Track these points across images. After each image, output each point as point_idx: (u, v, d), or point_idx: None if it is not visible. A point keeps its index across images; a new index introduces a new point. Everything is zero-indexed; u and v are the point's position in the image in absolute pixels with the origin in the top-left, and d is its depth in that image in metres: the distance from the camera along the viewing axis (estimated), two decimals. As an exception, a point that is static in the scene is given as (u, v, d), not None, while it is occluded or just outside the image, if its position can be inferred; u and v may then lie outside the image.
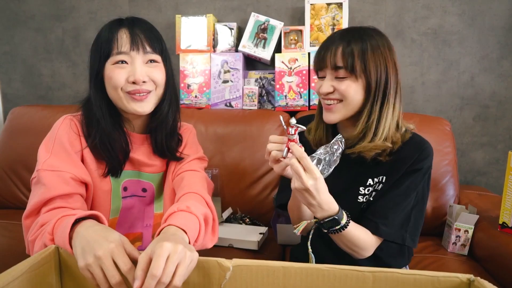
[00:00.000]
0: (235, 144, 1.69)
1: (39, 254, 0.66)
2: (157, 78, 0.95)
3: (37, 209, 0.85)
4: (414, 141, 1.00)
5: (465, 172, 1.91)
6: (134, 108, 0.94)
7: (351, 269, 0.64)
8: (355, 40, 0.94)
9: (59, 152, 0.91)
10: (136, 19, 0.97)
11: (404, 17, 1.86)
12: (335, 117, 0.98)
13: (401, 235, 0.97)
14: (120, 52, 0.91)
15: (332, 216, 0.88)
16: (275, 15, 1.90)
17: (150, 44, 0.94)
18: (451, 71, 1.87)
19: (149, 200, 1.08)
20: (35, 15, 2.11)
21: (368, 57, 0.93)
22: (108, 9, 2.05)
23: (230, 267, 0.66)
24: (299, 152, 0.83)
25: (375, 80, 0.94)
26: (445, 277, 0.61)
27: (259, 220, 1.61)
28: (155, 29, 0.99)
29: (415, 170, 0.97)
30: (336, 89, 0.95)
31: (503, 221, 1.30)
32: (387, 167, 1.00)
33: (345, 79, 0.94)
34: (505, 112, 1.86)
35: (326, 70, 0.97)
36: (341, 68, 0.93)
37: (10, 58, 2.16)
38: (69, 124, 0.96)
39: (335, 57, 0.94)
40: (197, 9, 1.98)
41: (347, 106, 0.96)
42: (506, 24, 1.80)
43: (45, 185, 0.85)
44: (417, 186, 0.98)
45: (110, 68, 0.92)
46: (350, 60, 0.92)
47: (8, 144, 1.79)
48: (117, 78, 0.91)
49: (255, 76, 1.92)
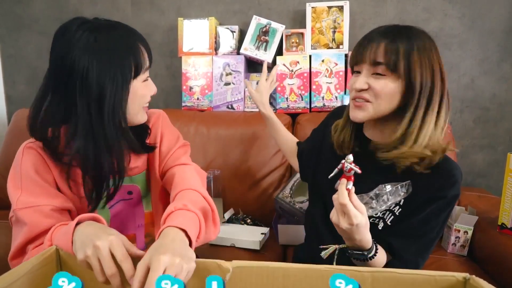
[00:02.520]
0: (236, 145, 1.71)
1: (40, 255, 0.66)
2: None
3: (23, 248, 0.82)
4: (443, 165, 0.90)
5: (465, 174, 1.92)
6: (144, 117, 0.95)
7: (350, 269, 0.65)
8: (401, 38, 0.87)
9: (29, 186, 0.84)
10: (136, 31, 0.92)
11: (404, 20, 1.87)
12: (363, 116, 0.91)
13: (415, 263, 0.92)
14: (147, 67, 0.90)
15: (362, 251, 0.84)
16: (276, 18, 1.92)
17: (151, 57, 0.92)
18: (452, 73, 1.88)
19: (136, 200, 1.04)
20: (39, 19, 2.13)
21: (414, 57, 0.85)
22: (111, 13, 2.07)
23: (230, 268, 0.66)
24: (343, 199, 0.76)
25: (419, 83, 0.86)
26: (442, 276, 0.62)
27: (261, 221, 1.63)
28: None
29: (439, 198, 0.89)
30: (370, 87, 0.89)
31: (502, 222, 1.31)
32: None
33: (383, 77, 0.88)
34: (505, 115, 1.87)
35: (363, 65, 0.90)
36: (381, 64, 0.86)
37: (14, 61, 2.19)
38: (33, 153, 0.86)
39: (376, 52, 0.87)
40: (199, 12, 2.00)
41: (379, 106, 0.89)
42: (506, 27, 1.81)
43: (27, 224, 0.80)
44: (439, 214, 0.91)
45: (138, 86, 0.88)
46: (393, 57, 0.85)
47: (13, 145, 1.81)
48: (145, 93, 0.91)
49: (256, 78, 1.93)
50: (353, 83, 0.91)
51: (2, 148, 1.87)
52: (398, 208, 0.93)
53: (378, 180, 0.88)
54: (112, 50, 0.82)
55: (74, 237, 0.69)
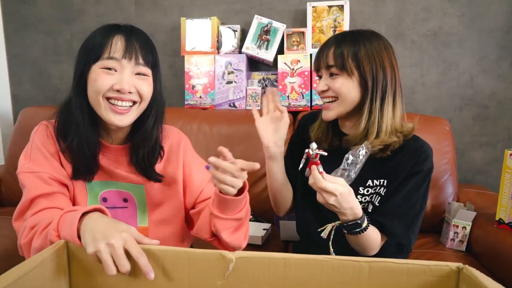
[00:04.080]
0: (238, 143, 1.73)
1: (50, 248, 0.67)
2: (144, 91, 0.91)
3: (23, 211, 0.87)
4: (414, 144, 1.03)
5: (464, 171, 1.94)
6: (112, 120, 0.89)
7: (348, 260, 0.67)
8: (348, 42, 1.00)
9: (36, 157, 0.91)
10: (134, 28, 0.94)
11: (404, 19, 1.89)
12: (331, 114, 1.04)
13: (408, 237, 1.02)
14: (111, 57, 0.87)
15: (355, 220, 0.93)
16: (277, 18, 1.94)
17: (144, 57, 0.91)
18: (451, 72, 1.90)
19: (131, 211, 1.01)
20: (44, 19, 2.16)
21: (362, 56, 0.99)
22: (115, 12, 2.10)
23: (233, 258, 0.68)
24: (319, 181, 0.86)
25: (371, 78, 0.99)
26: (436, 266, 0.64)
27: (263, 217, 1.65)
28: (150, 41, 0.96)
29: (416, 173, 1.01)
30: (330, 87, 1.02)
31: (500, 218, 1.34)
32: (388, 170, 1.03)
33: (338, 77, 1.01)
34: (504, 112, 1.89)
35: (321, 70, 1.05)
36: (333, 66, 1.01)
37: (20, 60, 2.22)
38: (44, 129, 0.95)
39: (327, 57, 1.02)
40: (202, 12, 2.03)
41: (342, 103, 1.02)
42: (504, 26, 1.83)
43: (26, 186, 0.87)
44: (419, 188, 1.02)
45: (96, 71, 0.88)
46: (339, 59, 0.99)
47: (19, 143, 1.84)
48: (101, 82, 0.87)
49: (258, 77, 1.96)
50: (317, 87, 1.06)
51: (9, 147, 1.90)
52: (383, 189, 1.04)
53: (362, 171, 0.96)
54: (90, 36, 0.92)
55: (83, 229, 0.70)
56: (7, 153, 1.90)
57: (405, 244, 1.06)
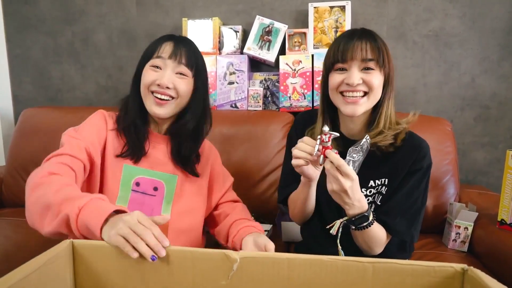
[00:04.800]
0: (240, 144, 1.73)
1: (54, 249, 0.68)
2: (181, 88, 1.05)
3: (52, 156, 0.97)
4: (411, 141, 1.04)
5: (466, 171, 1.95)
6: (153, 110, 1.05)
7: (352, 260, 0.68)
8: (376, 38, 1.01)
9: (82, 130, 1.04)
10: (185, 38, 1.11)
11: (406, 20, 1.89)
12: (361, 109, 1.00)
13: (410, 234, 1.02)
14: (159, 56, 1.04)
15: (363, 213, 0.92)
16: (279, 18, 1.94)
17: (187, 59, 1.05)
18: (452, 72, 1.90)
19: (158, 200, 1.11)
20: (45, 19, 2.16)
21: (387, 52, 1.01)
22: (117, 13, 2.10)
23: (238, 259, 0.69)
24: (337, 160, 0.86)
25: (390, 75, 1.02)
26: (441, 267, 0.64)
27: (264, 218, 1.65)
28: (197, 49, 1.11)
29: (416, 170, 1.02)
30: (364, 81, 0.99)
31: (502, 218, 1.34)
32: (388, 169, 1.04)
33: (373, 71, 0.99)
34: (505, 113, 1.89)
35: (351, 62, 0.99)
36: (372, 60, 0.98)
37: (21, 60, 2.22)
38: (102, 114, 1.10)
39: (365, 49, 0.98)
40: (203, 13, 2.03)
41: (373, 98, 1.01)
42: (506, 26, 1.84)
43: (63, 144, 0.99)
44: (420, 185, 1.03)
45: (146, 69, 1.05)
46: (380, 53, 0.98)
47: (20, 144, 1.84)
48: (148, 77, 1.04)
49: (259, 77, 1.96)
50: (348, 79, 0.98)
51: (9, 148, 1.90)
52: (384, 188, 1.05)
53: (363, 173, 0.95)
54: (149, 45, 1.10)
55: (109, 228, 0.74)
56: (8, 154, 1.89)
57: (408, 241, 1.06)
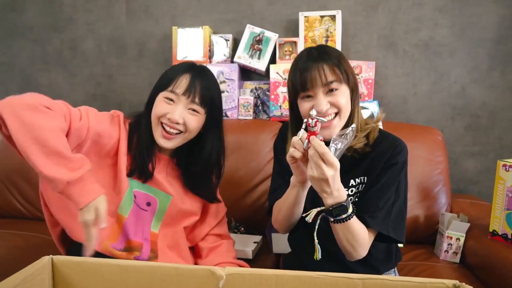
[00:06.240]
0: (230, 153, 1.70)
1: (33, 265, 0.66)
2: (190, 124, 1.08)
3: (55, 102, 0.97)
4: (386, 138, 1.06)
5: (457, 181, 1.94)
6: (159, 141, 1.09)
7: (342, 277, 0.66)
8: (330, 55, 1.01)
9: (96, 115, 1.06)
10: (204, 70, 1.13)
11: (396, 29, 1.90)
12: (336, 131, 1.00)
13: (385, 226, 1.00)
14: (173, 91, 1.06)
15: (341, 203, 0.90)
16: (270, 27, 1.94)
17: (200, 97, 1.07)
18: (442, 81, 1.90)
19: (149, 215, 1.15)
20: (33, 26, 2.13)
21: (346, 64, 1.02)
22: (105, 21, 2.08)
23: (224, 275, 0.67)
24: (322, 148, 0.85)
25: (354, 83, 1.03)
26: (432, 283, 0.63)
27: (254, 228, 1.63)
28: (214, 83, 1.14)
29: (391, 165, 1.03)
30: (332, 104, 0.99)
31: (493, 229, 1.33)
32: (366, 167, 1.05)
33: (337, 91, 0.99)
34: (495, 122, 1.90)
35: (315, 89, 0.99)
36: (333, 81, 0.98)
37: (7, 68, 2.18)
38: (118, 119, 1.13)
39: (323, 73, 0.98)
40: (194, 21, 2.01)
41: (344, 116, 1.01)
42: (494, 36, 1.85)
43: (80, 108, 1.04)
44: (395, 180, 1.03)
45: (160, 98, 1.08)
46: (340, 70, 0.99)
47: (6, 154, 1.79)
48: (159, 109, 1.07)
49: (250, 86, 1.95)
50: (316, 106, 0.98)
51: (-5, 157, 1.86)
52: (362, 185, 1.06)
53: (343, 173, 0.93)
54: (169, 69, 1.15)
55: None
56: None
57: (385, 233, 1.00)
